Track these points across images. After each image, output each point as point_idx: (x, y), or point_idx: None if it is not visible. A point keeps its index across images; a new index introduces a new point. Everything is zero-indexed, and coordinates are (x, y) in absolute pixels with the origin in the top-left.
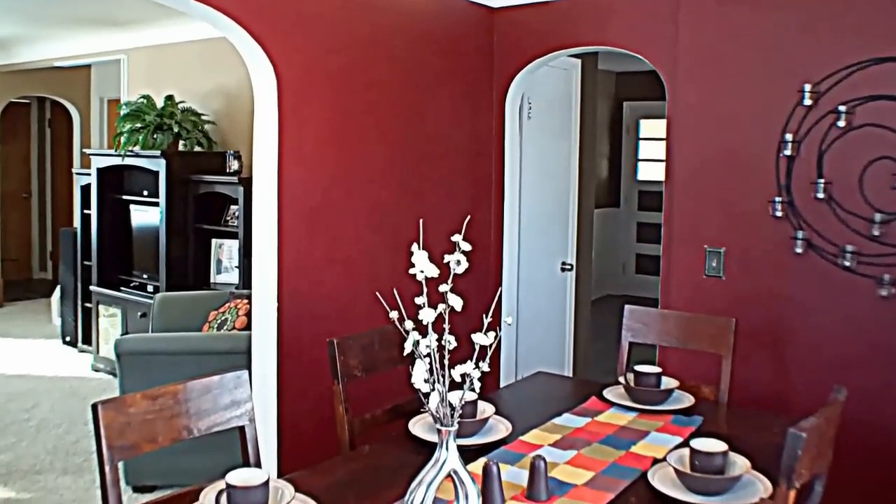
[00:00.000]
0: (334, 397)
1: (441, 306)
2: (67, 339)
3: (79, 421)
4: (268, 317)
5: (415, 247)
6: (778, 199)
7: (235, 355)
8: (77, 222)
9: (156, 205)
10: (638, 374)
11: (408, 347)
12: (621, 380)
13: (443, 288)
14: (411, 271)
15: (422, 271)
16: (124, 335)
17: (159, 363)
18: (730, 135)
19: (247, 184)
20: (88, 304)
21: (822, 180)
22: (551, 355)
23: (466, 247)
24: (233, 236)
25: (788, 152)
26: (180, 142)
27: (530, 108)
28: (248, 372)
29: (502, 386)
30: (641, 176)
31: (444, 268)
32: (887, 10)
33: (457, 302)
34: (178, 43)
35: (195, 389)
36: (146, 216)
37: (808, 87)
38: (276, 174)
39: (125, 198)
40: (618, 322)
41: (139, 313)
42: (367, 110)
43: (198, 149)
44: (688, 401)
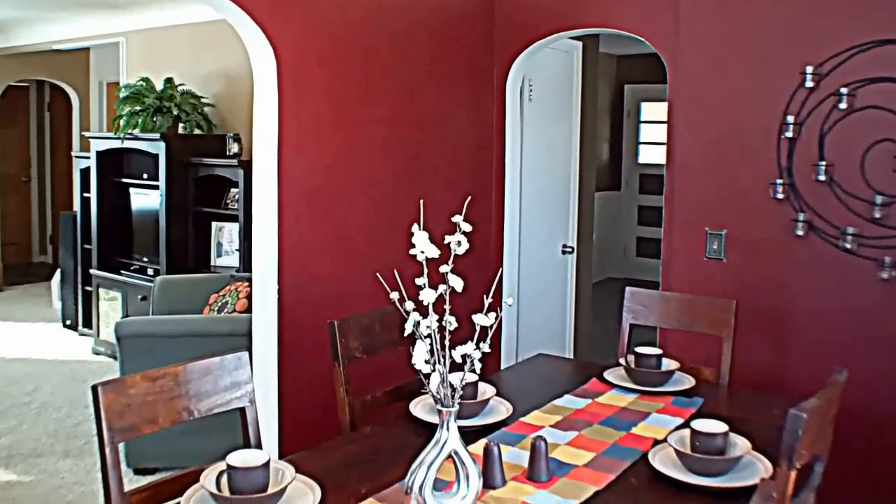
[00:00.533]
0: (335, 379)
1: (442, 287)
2: (68, 322)
3: (79, 404)
4: (268, 299)
5: (415, 227)
6: (779, 181)
7: (236, 338)
8: (77, 206)
9: (156, 188)
10: (639, 356)
11: (408, 328)
12: (622, 361)
13: (443, 269)
14: (412, 252)
15: (422, 252)
16: (125, 318)
17: (160, 346)
18: (731, 117)
19: (247, 166)
20: (89, 288)
21: (823, 162)
22: (552, 338)
23: (467, 227)
24: (233, 219)
25: (790, 134)
26: (180, 124)
27: (531, 90)
28: (249, 354)
29: (503, 368)
30: (642, 159)
31: (445, 249)
32: None
33: (457, 283)
34: (177, 25)
35: (195, 371)
36: (146, 199)
37: (809, 69)
38: (276, 156)
39: (125, 181)
40: (618, 305)
41: (139, 296)
42: (367, 92)
43: (197, 131)
44: (688, 382)
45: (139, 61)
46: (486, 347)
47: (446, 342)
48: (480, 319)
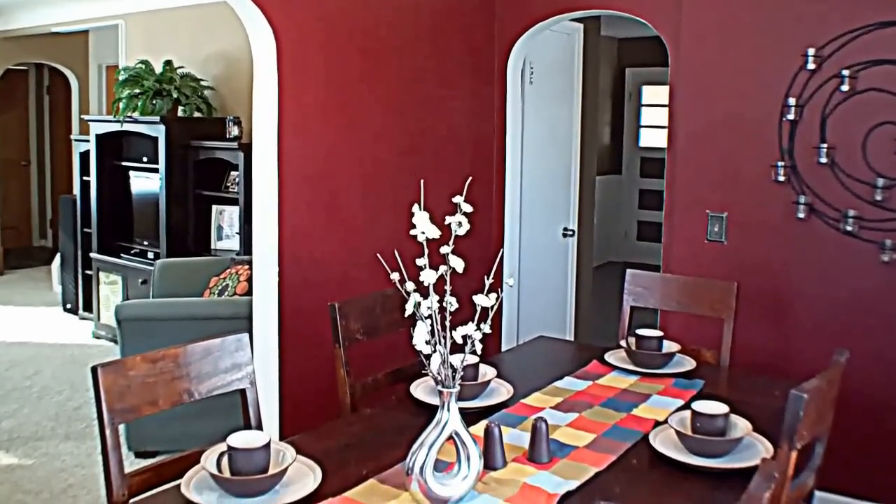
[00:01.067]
0: (336, 360)
1: (442, 268)
2: (68, 306)
3: (80, 388)
4: (269, 281)
5: (416, 208)
6: (780, 163)
7: (237, 320)
8: (76, 189)
9: (155, 171)
10: (639, 338)
11: (409, 309)
12: (623, 343)
13: (444, 250)
14: (412, 232)
15: (423, 232)
16: (125, 301)
17: (160, 329)
18: (732, 100)
19: (247, 149)
20: (89, 272)
21: (824, 145)
22: (553, 320)
23: (468, 208)
24: (233, 202)
25: (791, 117)
26: (179, 107)
27: (532, 72)
28: (249, 336)
29: (503, 350)
30: (643, 143)
31: (446, 230)
32: None
33: (458, 263)
34: (176, 7)
35: (196, 352)
36: (146, 182)
37: (811, 52)
38: (276, 139)
39: (124, 164)
40: (619, 288)
41: (140, 280)
42: (367, 73)
43: (197, 114)
44: (689, 364)
45: (138, 44)
46: (486, 328)
47: (447, 323)
48: (481, 300)
